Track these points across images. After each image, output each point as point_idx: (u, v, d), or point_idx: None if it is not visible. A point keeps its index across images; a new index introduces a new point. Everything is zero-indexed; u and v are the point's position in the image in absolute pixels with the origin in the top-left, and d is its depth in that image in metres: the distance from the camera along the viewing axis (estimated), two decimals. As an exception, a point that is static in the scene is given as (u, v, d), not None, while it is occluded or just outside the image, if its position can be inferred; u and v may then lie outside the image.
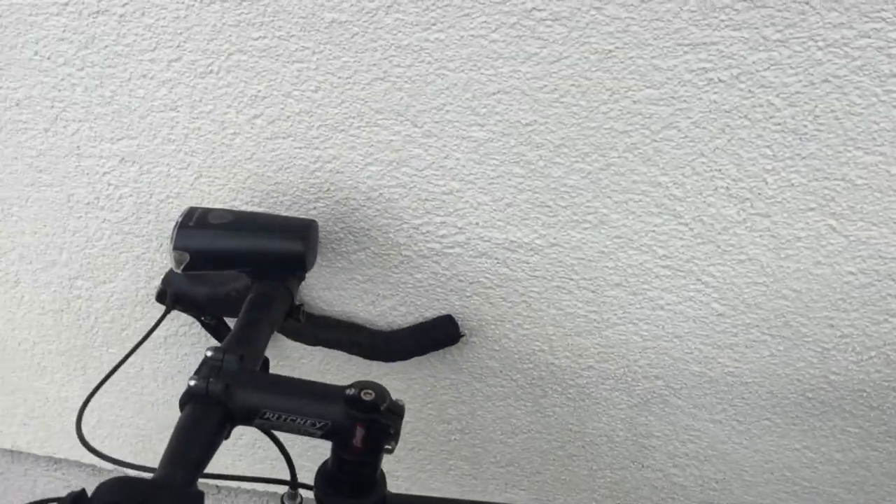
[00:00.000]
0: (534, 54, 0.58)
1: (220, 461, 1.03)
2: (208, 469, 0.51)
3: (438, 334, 0.76)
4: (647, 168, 0.62)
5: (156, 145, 0.71)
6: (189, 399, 0.54)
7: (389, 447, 0.54)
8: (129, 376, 0.94)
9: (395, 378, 0.83)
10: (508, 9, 0.56)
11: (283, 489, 0.65)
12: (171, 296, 0.76)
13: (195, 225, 0.63)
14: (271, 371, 0.65)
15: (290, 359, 0.87)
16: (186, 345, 0.89)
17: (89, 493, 0.45)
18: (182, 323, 0.86)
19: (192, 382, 0.54)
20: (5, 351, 0.96)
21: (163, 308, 0.83)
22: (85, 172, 0.74)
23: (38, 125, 0.72)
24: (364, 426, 0.53)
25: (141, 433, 1.02)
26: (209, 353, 0.56)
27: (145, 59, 0.65)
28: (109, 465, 1.12)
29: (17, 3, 0.63)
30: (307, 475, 0.60)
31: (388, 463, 0.56)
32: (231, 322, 0.80)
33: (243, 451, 1.00)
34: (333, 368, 0.86)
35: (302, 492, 0.64)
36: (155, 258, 0.80)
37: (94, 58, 0.66)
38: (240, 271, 0.66)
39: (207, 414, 0.54)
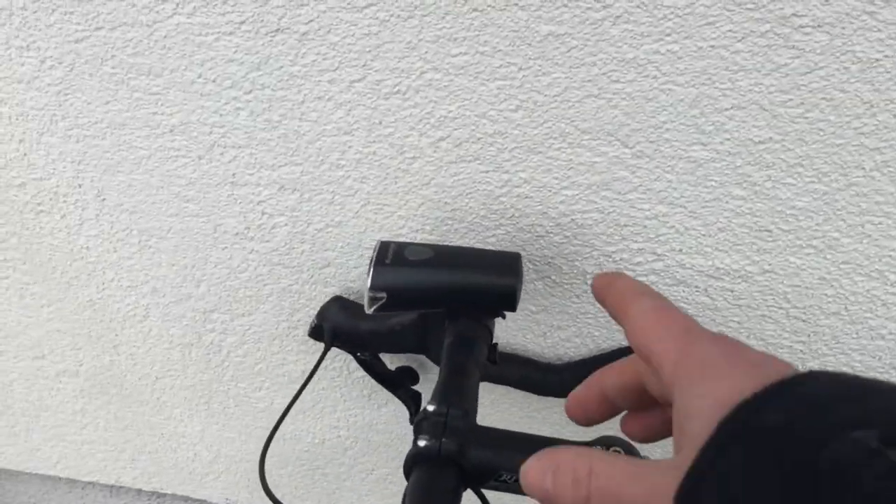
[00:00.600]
0: (782, 65, 0.52)
1: None
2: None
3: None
4: (894, 188, 0.55)
5: (322, 171, 0.65)
6: (420, 460, 0.48)
7: None
8: (257, 410, 0.89)
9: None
10: (761, 15, 0.50)
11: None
12: (330, 331, 0.71)
13: (393, 262, 0.57)
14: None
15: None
16: (325, 379, 0.84)
17: None
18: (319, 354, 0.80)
19: (423, 442, 0.48)
20: (123, 386, 0.90)
21: (306, 342, 0.77)
22: (237, 201, 0.69)
23: (191, 152, 0.66)
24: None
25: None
26: (431, 408, 0.51)
27: (324, 81, 0.59)
28: (223, 502, 1.07)
29: (186, 23, 0.58)
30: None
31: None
32: (385, 357, 0.74)
33: None
34: (487, 403, 0.80)
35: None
36: (303, 290, 0.75)
37: (266, 80, 0.60)
38: (437, 311, 0.60)
39: (443, 477, 0.48)
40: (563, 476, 0.29)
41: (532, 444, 0.50)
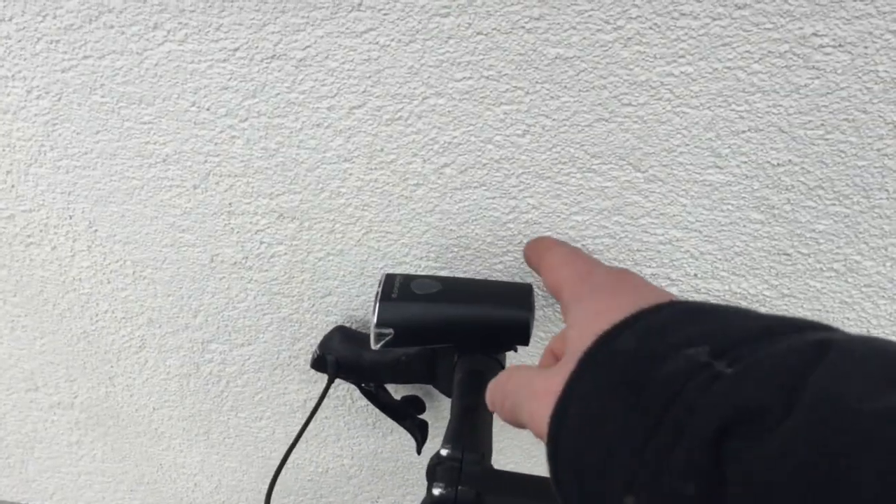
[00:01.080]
0: (802, 86, 0.49)
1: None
2: None
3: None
4: (919, 210, 0.53)
5: (321, 200, 0.62)
6: None
7: None
8: (259, 440, 0.86)
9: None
10: (780, 35, 0.48)
11: None
12: (333, 363, 0.68)
13: (399, 296, 0.54)
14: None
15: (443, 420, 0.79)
16: (328, 408, 0.81)
17: None
18: (323, 385, 0.78)
19: (438, 491, 0.46)
20: (119, 417, 0.88)
21: (307, 371, 0.75)
22: (235, 231, 0.66)
23: (186, 182, 0.64)
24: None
25: (261, 497, 0.94)
26: (445, 453, 0.48)
27: (322, 107, 0.57)
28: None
29: (178, 50, 0.55)
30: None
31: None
32: (390, 387, 0.72)
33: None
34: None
35: None
36: (304, 319, 0.72)
37: (262, 107, 0.57)
38: (447, 347, 0.58)
39: None
40: (496, 388, 0.36)
41: (549, 486, 0.48)
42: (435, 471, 0.48)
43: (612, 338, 0.28)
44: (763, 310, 0.58)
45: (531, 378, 0.33)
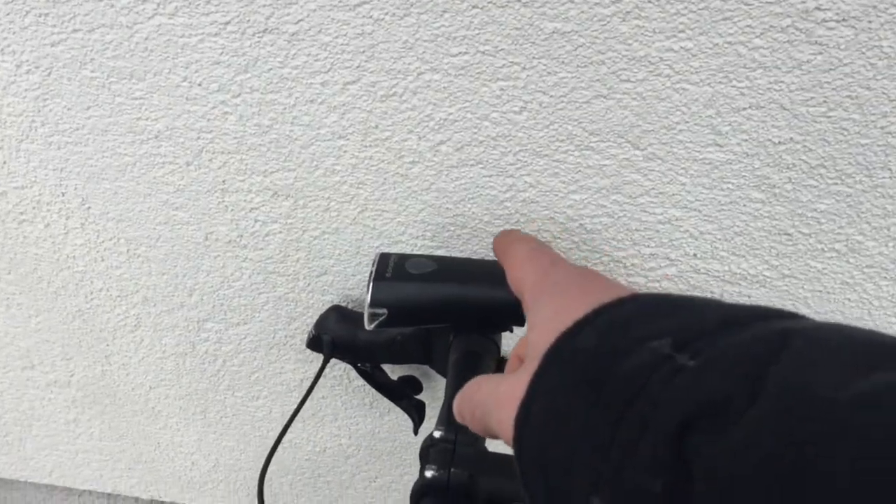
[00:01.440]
0: (804, 62, 0.48)
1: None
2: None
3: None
4: (923, 189, 0.52)
5: (316, 177, 0.62)
6: (428, 492, 0.45)
7: None
8: (255, 419, 0.86)
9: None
10: (782, 10, 0.46)
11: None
12: (329, 342, 0.68)
13: (394, 276, 0.54)
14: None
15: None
16: (324, 388, 0.81)
17: None
18: (319, 365, 0.77)
19: (430, 473, 0.45)
20: (116, 396, 0.88)
21: (304, 350, 0.74)
22: (229, 209, 0.65)
23: (179, 159, 0.63)
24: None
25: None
26: (438, 434, 0.48)
27: (316, 83, 0.56)
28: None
29: (168, 23, 0.54)
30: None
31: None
32: (386, 366, 0.71)
33: None
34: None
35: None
36: (299, 298, 0.72)
37: (255, 83, 0.56)
38: (442, 327, 0.57)
39: None
40: (463, 401, 0.35)
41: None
42: (428, 452, 0.47)
43: (574, 335, 0.28)
44: (763, 291, 0.58)
45: (496, 385, 0.32)
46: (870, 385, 0.20)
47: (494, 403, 0.31)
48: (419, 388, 0.73)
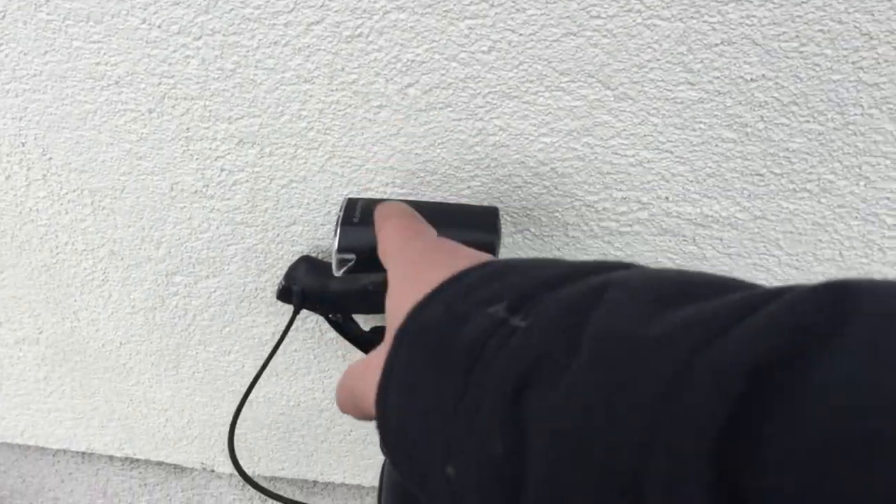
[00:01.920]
0: (776, -4, 0.47)
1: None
2: None
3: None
4: (894, 126, 0.52)
5: (282, 123, 0.60)
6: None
7: None
8: (228, 374, 0.86)
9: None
10: (754, -60, 0.45)
11: None
12: (299, 293, 0.67)
13: (361, 221, 0.53)
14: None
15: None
16: (296, 341, 0.80)
17: None
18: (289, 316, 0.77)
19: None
20: (86, 353, 0.86)
21: (276, 303, 0.74)
22: (194, 157, 0.64)
23: (140, 106, 0.61)
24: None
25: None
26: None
27: (279, 24, 0.54)
28: (198, 467, 1.04)
29: (124, -39, 0.52)
30: None
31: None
32: (358, 317, 0.71)
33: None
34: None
35: None
36: (269, 249, 0.71)
37: (216, 24, 0.55)
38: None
39: None
40: (338, 389, 0.36)
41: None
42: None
43: (423, 307, 0.28)
44: (735, 233, 0.57)
45: (363, 369, 0.32)
46: (663, 325, 0.20)
47: (362, 387, 0.32)
48: (392, 339, 0.72)
